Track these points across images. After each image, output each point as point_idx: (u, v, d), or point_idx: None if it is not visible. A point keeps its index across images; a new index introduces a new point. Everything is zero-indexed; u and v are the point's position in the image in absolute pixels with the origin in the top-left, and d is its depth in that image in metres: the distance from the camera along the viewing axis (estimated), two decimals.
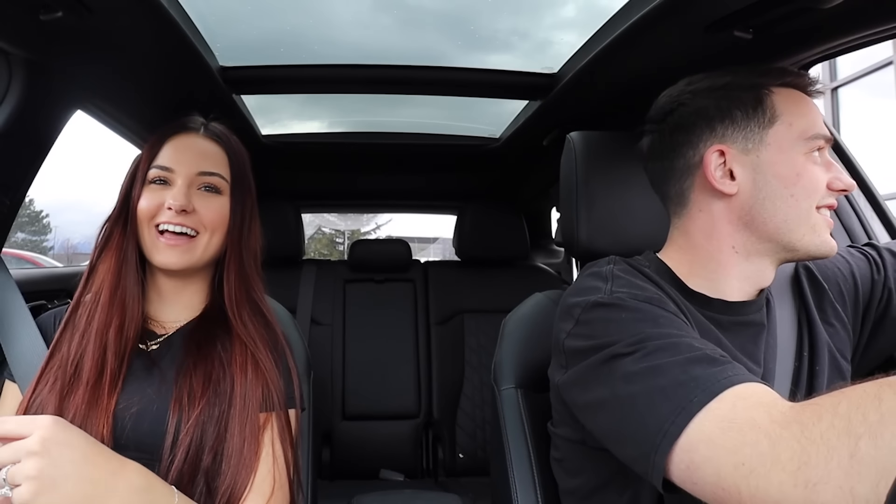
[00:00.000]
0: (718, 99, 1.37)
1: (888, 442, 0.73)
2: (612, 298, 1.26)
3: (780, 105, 1.32)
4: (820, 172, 1.29)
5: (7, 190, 1.92)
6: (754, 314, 1.37)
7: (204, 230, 1.49)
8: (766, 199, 1.30)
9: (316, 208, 5.90)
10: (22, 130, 1.90)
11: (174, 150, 1.52)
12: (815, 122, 1.30)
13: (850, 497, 0.74)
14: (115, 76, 2.18)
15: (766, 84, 1.34)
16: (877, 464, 0.73)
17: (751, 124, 1.33)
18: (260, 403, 1.40)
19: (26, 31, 1.70)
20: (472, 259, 3.96)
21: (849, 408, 0.79)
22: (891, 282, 1.48)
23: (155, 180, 1.49)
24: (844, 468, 0.75)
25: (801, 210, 1.27)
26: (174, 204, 1.43)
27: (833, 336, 1.42)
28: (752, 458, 0.85)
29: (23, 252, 16.15)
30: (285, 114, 3.47)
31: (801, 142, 1.29)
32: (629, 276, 1.34)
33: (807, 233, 1.28)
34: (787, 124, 1.30)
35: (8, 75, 1.85)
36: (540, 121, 2.99)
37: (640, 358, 1.08)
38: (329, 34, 2.56)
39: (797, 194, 1.27)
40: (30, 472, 1.02)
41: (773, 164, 1.30)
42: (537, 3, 2.35)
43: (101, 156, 41.47)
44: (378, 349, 3.79)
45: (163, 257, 1.45)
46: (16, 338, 1.53)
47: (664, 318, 1.18)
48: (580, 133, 1.76)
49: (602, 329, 1.21)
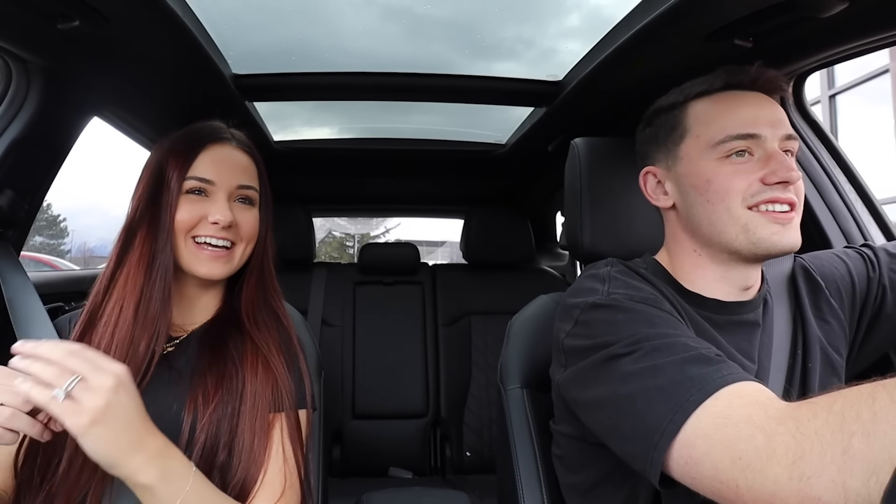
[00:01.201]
0: (650, 123, 1.49)
1: (880, 439, 0.74)
2: (609, 300, 1.28)
3: (690, 119, 1.38)
4: (733, 173, 1.29)
5: (25, 194, 1.93)
6: (749, 314, 1.39)
7: (240, 241, 1.49)
8: (691, 208, 1.36)
9: (326, 212, 5.92)
10: (40, 136, 1.91)
11: (213, 162, 1.48)
12: (726, 125, 1.31)
13: (843, 490, 0.75)
14: (130, 83, 2.19)
15: (684, 101, 1.41)
16: (868, 459, 0.74)
17: (668, 143, 1.42)
18: (269, 402, 1.40)
19: (44, 39, 1.71)
20: (479, 262, 3.96)
21: (843, 406, 0.80)
22: (885, 279, 1.49)
23: (193, 191, 1.46)
24: (837, 463, 0.76)
25: (721, 212, 1.30)
26: (222, 220, 1.43)
27: (828, 333, 1.43)
28: (748, 453, 0.86)
29: (41, 255, 16.20)
30: (296, 120, 3.48)
31: (709, 149, 1.32)
32: (626, 278, 1.36)
33: (739, 233, 1.28)
34: (695, 136, 1.36)
35: (26, 83, 1.86)
36: (545, 127, 3.00)
37: (638, 358, 1.10)
38: (339, 43, 2.57)
39: (711, 199, 1.31)
40: (97, 403, 1.02)
41: (687, 175, 1.37)
42: (542, 12, 2.36)
43: (117, 161, 41.43)
44: (387, 350, 3.79)
45: (206, 269, 1.44)
46: (34, 338, 1.54)
47: (660, 318, 1.20)
48: (584, 139, 1.76)
49: (600, 329, 1.23)
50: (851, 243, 1.94)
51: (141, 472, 1.09)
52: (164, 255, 1.42)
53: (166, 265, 1.42)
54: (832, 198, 2.03)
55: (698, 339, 1.14)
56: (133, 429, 1.08)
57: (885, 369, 1.72)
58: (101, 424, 1.02)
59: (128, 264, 1.44)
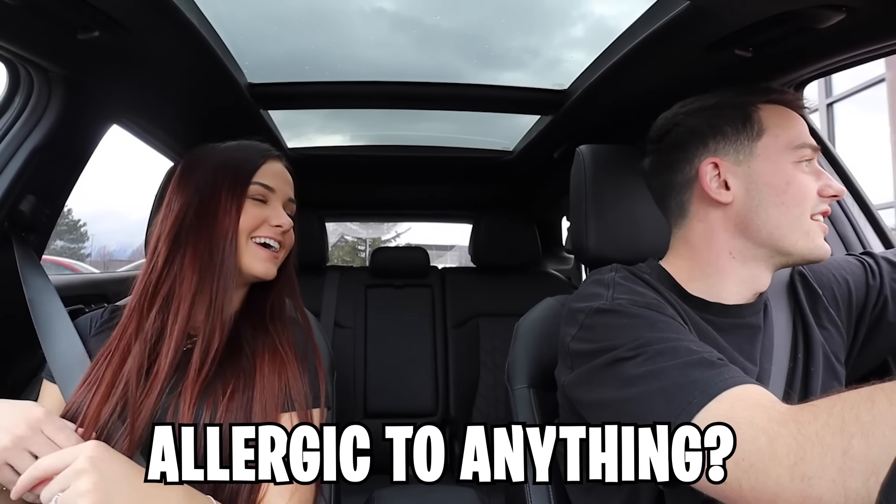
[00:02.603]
0: (709, 117, 1.41)
1: (879, 441, 0.75)
2: (613, 305, 1.28)
3: (766, 119, 1.35)
4: (809, 180, 1.31)
5: (47, 200, 1.94)
6: (751, 317, 1.39)
7: (285, 247, 1.57)
8: (759, 207, 1.33)
9: (339, 217, 5.92)
10: (61, 144, 1.93)
11: (273, 174, 1.56)
12: (801, 133, 1.34)
13: (843, 491, 0.76)
14: (149, 92, 2.20)
15: (752, 101, 1.38)
16: (868, 460, 0.75)
17: (740, 138, 1.36)
18: (278, 394, 1.41)
19: (65, 49, 1.72)
20: (487, 265, 3.96)
21: (843, 409, 0.81)
22: (887, 289, 1.48)
23: (256, 196, 1.51)
24: (838, 464, 0.77)
25: (793, 216, 1.30)
26: (285, 224, 1.52)
27: (827, 339, 1.43)
28: (751, 454, 0.87)
29: (62, 259, 16.20)
30: (310, 128, 3.49)
31: (789, 151, 1.32)
32: (629, 283, 1.36)
33: (800, 238, 1.30)
34: (774, 136, 1.34)
35: (48, 91, 1.87)
36: (551, 134, 3.00)
37: (642, 362, 1.10)
38: (350, 52, 2.58)
39: (787, 202, 1.30)
40: (85, 488, 1.01)
41: (764, 173, 1.33)
42: (548, 23, 2.36)
43: (136, 168, 41.55)
44: (398, 351, 3.79)
45: (264, 268, 1.49)
46: (55, 339, 1.54)
47: (663, 323, 1.21)
48: (589, 146, 1.77)
49: (604, 333, 1.23)
50: (849, 248, 1.95)
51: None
52: (227, 255, 1.45)
53: (231, 264, 1.45)
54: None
55: (701, 344, 1.15)
56: (137, 490, 1.08)
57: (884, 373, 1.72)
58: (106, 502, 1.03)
59: (178, 267, 1.44)
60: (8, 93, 1.88)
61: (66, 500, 1.01)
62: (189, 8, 1.72)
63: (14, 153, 1.83)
